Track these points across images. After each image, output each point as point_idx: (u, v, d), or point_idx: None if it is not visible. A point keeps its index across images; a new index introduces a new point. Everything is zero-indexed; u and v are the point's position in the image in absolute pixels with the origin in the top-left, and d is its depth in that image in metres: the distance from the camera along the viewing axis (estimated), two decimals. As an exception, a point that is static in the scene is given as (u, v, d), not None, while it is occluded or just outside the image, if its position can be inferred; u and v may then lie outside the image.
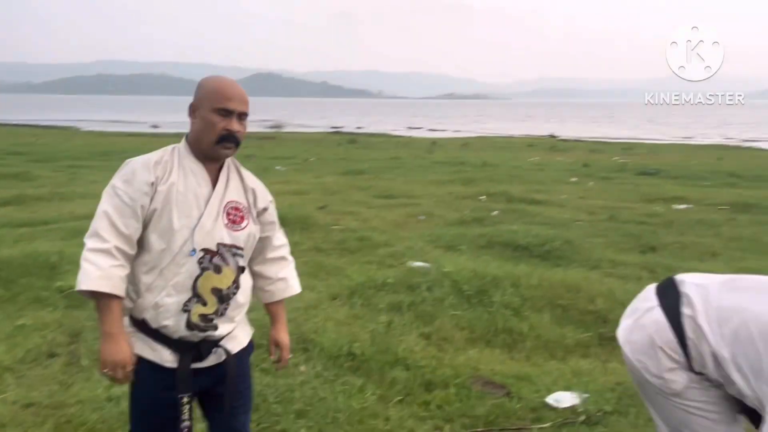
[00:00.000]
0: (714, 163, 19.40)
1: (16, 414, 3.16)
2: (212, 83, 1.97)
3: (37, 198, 10.09)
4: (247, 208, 2.03)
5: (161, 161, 1.92)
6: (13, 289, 5.10)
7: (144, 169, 1.88)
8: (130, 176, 1.88)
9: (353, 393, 3.48)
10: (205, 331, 1.94)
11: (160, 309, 1.88)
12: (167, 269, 1.88)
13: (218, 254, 1.92)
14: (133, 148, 22.61)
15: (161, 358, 1.92)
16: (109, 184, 1.90)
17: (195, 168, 1.95)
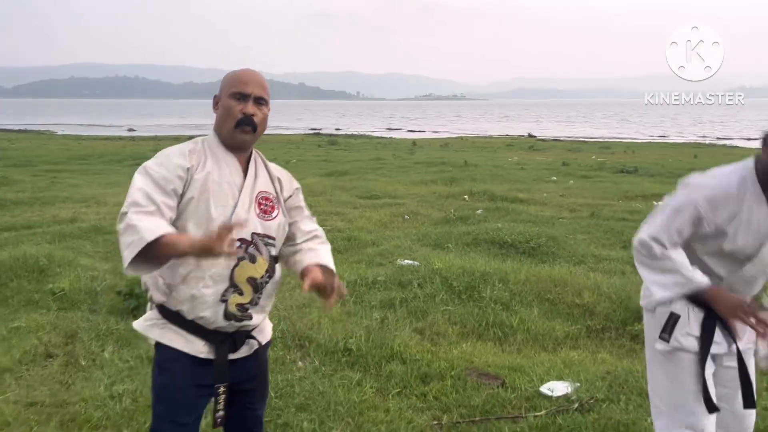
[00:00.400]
0: (690, 161, 19.81)
1: (19, 413, 3.18)
2: (231, 73, 2.01)
3: (18, 202, 9.99)
4: (276, 197, 2.04)
5: (195, 150, 1.92)
6: (3, 292, 5.09)
7: (179, 155, 1.89)
8: (164, 160, 1.87)
9: (352, 387, 3.55)
10: (241, 321, 1.95)
11: (197, 300, 1.87)
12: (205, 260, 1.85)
13: (252, 243, 1.93)
14: (111, 152, 22.45)
15: (196, 349, 1.91)
16: (141, 166, 1.87)
17: (227, 158, 1.95)
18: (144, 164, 1.87)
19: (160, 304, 1.93)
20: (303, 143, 30.78)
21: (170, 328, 1.92)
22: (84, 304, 4.92)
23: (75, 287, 5.15)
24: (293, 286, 5.55)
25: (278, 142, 31.06)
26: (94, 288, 5.21)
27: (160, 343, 1.93)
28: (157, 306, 1.94)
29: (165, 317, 1.92)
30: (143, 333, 1.97)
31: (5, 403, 3.28)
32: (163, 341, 1.92)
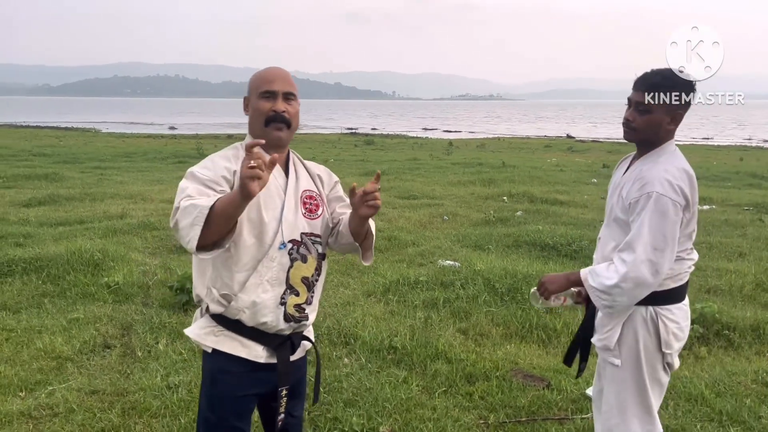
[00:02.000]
0: (735, 164, 19.31)
1: (83, 400, 3.33)
2: (258, 73, 2.00)
3: (69, 198, 10.33)
4: (319, 195, 2.05)
5: (237, 155, 1.91)
6: (61, 285, 5.30)
7: (223, 158, 1.90)
8: (210, 164, 1.88)
9: (398, 384, 3.62)
10: (300, 322, 1.97)
11: (257, 307, 1.88)
12: (261, 264, 1.88)
13: (302, 243, 1.95)
14: (154, 150, 22.97)
15: (255, 354, 1.92)
16: (188, 171, 1.87)
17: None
18: (190, 169, 1.88)
19: (219, 314, 1.91)
20: (340, 143, 30.99)
21: (227, 334, 1.91)
22: (137, 297, 5.10)
23: (128, 281, 5.34)
24: (338, 284, 5.66)
25: (315, 141, 31.38)
26: (146, 282, 5.39)
27: (217, 351, 1.91)
28: (212, 314, 1.92)
29: (221, 324, 1.91)
30: (198, 341, 1.94)
31: (68, 391, 3.44)
32: (221, 348, 1.91)
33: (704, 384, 3.63)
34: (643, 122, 2.19)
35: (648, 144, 2.23)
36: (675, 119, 2.20)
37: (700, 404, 3.45)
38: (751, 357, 4.21)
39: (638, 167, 2.21)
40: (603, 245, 2.32)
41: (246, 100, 1.98)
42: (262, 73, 1.98)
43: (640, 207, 2.10)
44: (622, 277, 2.08)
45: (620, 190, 2.23)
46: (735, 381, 3.72)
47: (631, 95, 2.24)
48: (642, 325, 2.19)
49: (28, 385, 3.55)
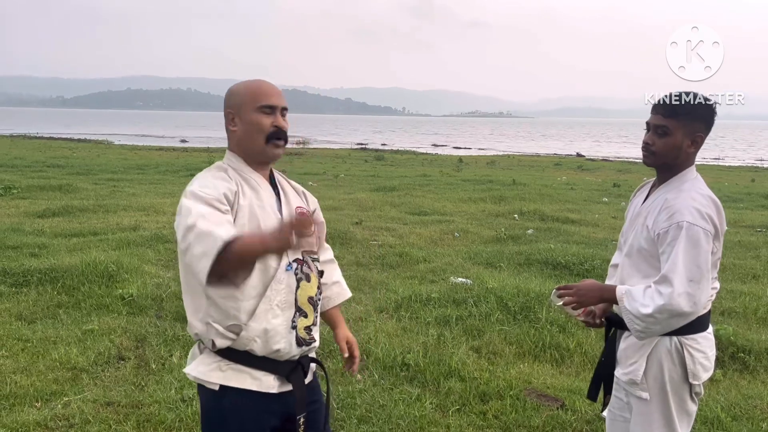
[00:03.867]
0: (747, 185, 19.23)
1: (98, 412, 3.35)
2: (246, 86, 1.89)
3: (83, 209, 10.41)
4: (309, 212, 1.99)
5: (230, 176, 1.82)
6: (76, 296, 5.34)
7: (218, 179, 1.79)
8: (209, 182, 1.77)
9: (411, 401, 3.62)
10: (309, 344, 1.90)
11: (269, 334, 1.79)
12: (270, 289, 1.80)
13: (305, 262, 1.89)
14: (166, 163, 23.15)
15: (267, 386, 1.82)
16: (188, 191, 1.75)
17: (256, 178, 1.86)
18: (189, 189, 1.75)
19: (225, 348, 1.80)
20: (350, 158, 31.10)
21: (235, 368, 1.80)
22: (151, 309, 5.13)
23: (142, 293, 5.38)
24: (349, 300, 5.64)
25: (325, 156, 31.51)
26: (159, 294, 5.42)
27: (225, 387, 1.79)
28: (217, 350, 1.81)
29: (228, 358, 1.80)
30: (201, 379, 1.81)
31: (84, 402, 3.46)
32: (229, 384, 1.79)
33: (720, 407, 3.61)
34: (663, 145, 2.15)
35: (667, 168, 2.19)
36: (695, 142, 2.15)
37: (717, 428, 3.42)
38: (767, 381, 4.17)
39: (661, 195, 2.16)
40: (625, 276, 2.25)
41: (231, 114, 1.85)
42: (253, 85, 1.87)
43: (671, 238, 2.04)
44: (658, 308, 2.01)
45: (644, 220, 2.18)
46: (751, 405, 3.69)
47: (650, 119, 2.21)
48: (667, 357, 2.13)
49: (44, 395, 3.58)
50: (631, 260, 2.23)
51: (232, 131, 1.86)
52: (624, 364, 2.23)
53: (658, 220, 2.10)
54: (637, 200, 2.33)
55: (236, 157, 1.87)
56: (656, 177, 2.26)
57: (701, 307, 2.05)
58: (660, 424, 2.16)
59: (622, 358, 2.25)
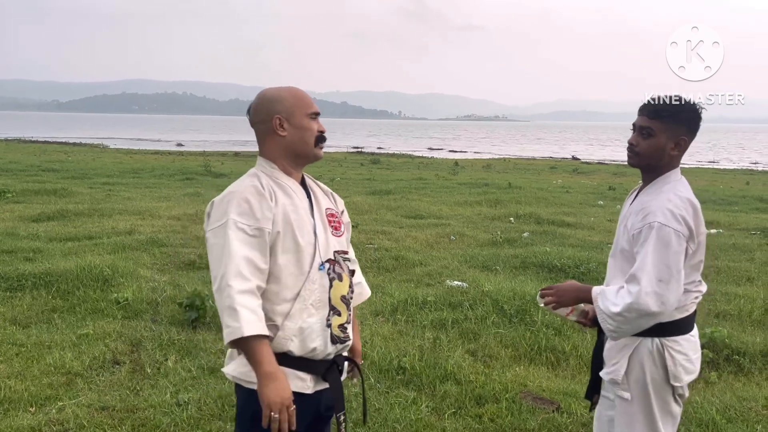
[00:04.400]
0: (742, 188, 19.30)
1: (93, 416, 3.34)
2: (291, 93, 1.98)
3: (78, 213, 10.39)
4: (338, 212, 2.08)
5: (263, 185, 1.89)
6: (71, 300, 5.33)
7: (257, 196, 1.85)
8: (246, 207, 1.83)
9: (407, 405, 3.61)
10: (344, 342, 1.96)
11: (305, 332, 1.86)
12: (304, 289, 1.86)
13: (336, 262, 1.96)
14: (162, 166, 23.12)
15: (303, 386, 1.88)
16: (228, 220, 1.81)
17: (290, 183, 1.95)
18: (229, 218, 1.81)
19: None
20: (346, 161, 31.11)
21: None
22: (146, 313, 5.12)
23: (138, 297, 5.36)
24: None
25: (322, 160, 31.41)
26: (155, 299, 5.41)
27: None
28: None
29: None
30: (242, 378, 1.87)
31: (78, 407, 3.45)
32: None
33: (715, 410, 3.61)
34: (647, 146, 2.19)
35: (651, 170, 2.23)
36: (679, 145, 2.18)
37: (712, 430, 3.43)
38: (762, 383, 4.18)
39: (642, 197, 2.22)
40: (610, 277, 2.31)
41: (280, 119, 1.93)
42: (298, 92, 1.98)
43: (643, 238, 2.08)
44: (626, 307, 2.05)
45: (626, 221, 2.23)
46: (746, 407, 3.69)
47: (636, 120, 2.25)
48: (648, 358, 2.15)
49: (38, 400, 3.56)
50: (615, 261, 2.28)
51: (281, 136, 1.93)
52: (608, 364, 2.27)
53: (634, 222, 2.15)
54: (627, 203, 2.37)
55: (270, 164, 1.96)
56: (641, 179, 2.30)
57: (670, 307, 2.05)
58: (642, 425, 2.18)
59: (606, 359, 2.28)
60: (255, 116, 1.98)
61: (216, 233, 1.83)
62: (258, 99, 2.00)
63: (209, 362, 4.14)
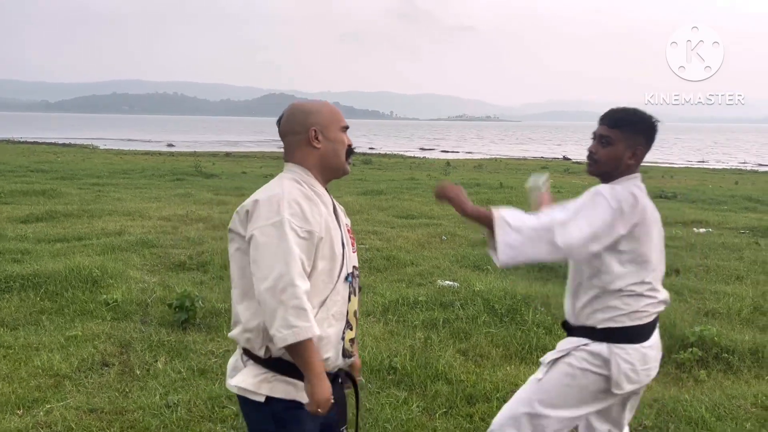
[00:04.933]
0: (731, 187, 19.43)
1: (81, 419, 3.31)
2: (325, 107, 2.00)
3: (67, 214, 10.31)
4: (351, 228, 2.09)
5: (306, 192, 1.89)
6: (59, 302, 5.28)
7: (306, 200, 1.86)
8: (298, 209, 1.82)
9: (398, 405, 3.61)
10: (351, 357, 1.98)
11: (323, 342, 1.83)
12: (329, 299, 1.86)
13: (355, 276, 1.98)
14: (152, 167, 22.99)
15: None
16: (280, 218, 1.78)
17: (325, 194, 1.95)
18: (282, 217, 1.79)
19: (276, 358, 1.84)
20: (337, 162, 31.08)
21: (281, 379, 1.85)
22: (136, 315, 5.08)
23: (127, 298, 5.33)
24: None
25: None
26: (144, 300, 5.37)
27: (271, 399, 1.84)
28: (264, 360, 1.86)
29: (275, 370, 1.85)
30: (251, 390, 1.85)
31: (67, 409, 3.42)
32: (277, 395, 1.85)
33: (704, 407, 3.63)
34: (605, 154, 2.28)
35: (608, 177, 2.31)
36: (636, 155, 2.28)
37: (701, 428, 3.44)
38: (751, 380, 4.21)
39: None
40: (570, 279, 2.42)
41: (315, 131, 1.93)
42: (332, 107, 2.00)
43: (580, 198, 2.22)
44: (540, 225, 2.13)
45: None
46: (735, 404, 3.71)
47: (596, 129, 2.34)
48: (593, 358, 2.25)
49: (26, 402, 3.53)
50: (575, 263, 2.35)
51: (315, 148, 1.93)
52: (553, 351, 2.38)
53: None
54: None
55: (306, 172, 1.94)
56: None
57: (566, 249, 2.11)
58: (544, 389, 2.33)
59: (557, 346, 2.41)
60: (288, 126, 1.97)
61: (266, 232, 1.78)
62: (292, 110, 1.99)
63: (199, 363, 4.12)
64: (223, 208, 11.21)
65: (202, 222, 9.74)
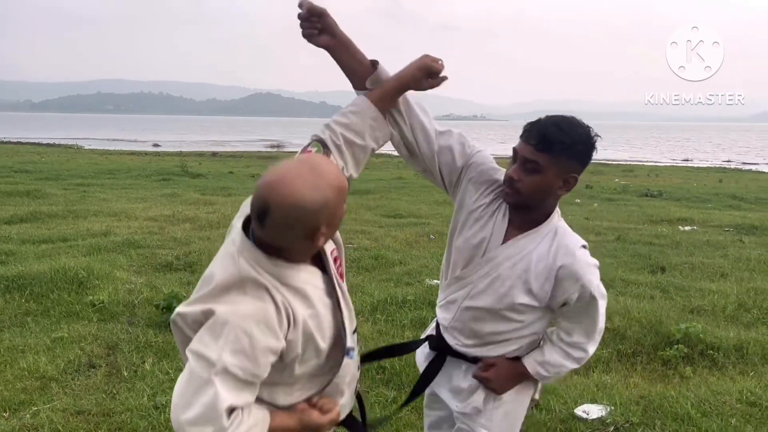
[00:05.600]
0: (715, 186, 19.64)
1: (68, 421, 3.29)
2: (332, 188, 1.43)
3: (52, 215, 10.21)
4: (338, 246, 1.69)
5: (278, 302, 1.43)
6: (44, 303, 5.23)
7: (259, 324, 1.39)
8: (245, 341, 1.37)
9: (387, 404, 3.62)
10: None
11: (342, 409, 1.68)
12: (332, 384, 1.61)
13: (357, 342, 1.75)
14: (138, 167, 22.84)
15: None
16: (215, 359, 1.34)
17: (300, 276, 1.50)
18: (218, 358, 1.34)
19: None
20: (325, 161, 31.02)
21: None
22: (123, 316, 5.04)
23: (114, 299, 5.29)
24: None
25: (300, 160, 31.34)
26: (131, 301, 5.34)
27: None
28: None
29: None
30: None
31: (53, 411, 3.39)
32: None
33: (690, 404, 3.67)
34: (531, 184, 1.79)
35: (528, 210, 1.88)
36: (567, 183, 1.82)
37: (687, 424, 3.48)
38: (735, 377, 4.26)
39: (536, 250, 1.88)
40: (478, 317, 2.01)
41: (322, 232, 1.45)
42: (340, 182, 1.44)
43: (581, 307, 1.90)
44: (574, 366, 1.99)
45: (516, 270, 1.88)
46: (720, 401, 3.76)
47: (519, 147, 1.82)
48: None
49: (12, 405, 3.49)
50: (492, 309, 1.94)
51: (315, 244, 1.46)
52: (464, 392, 2.04)
53: (562, 287, 1.87)
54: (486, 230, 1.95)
55: (273, 261, 1.47)
56: (509, 213, 1.92)
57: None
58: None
59: (465, 392, 2.04)
60: (285, 233, 1.40)
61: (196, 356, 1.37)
62: (290, 211, 1.36)
63: (187, 364, 4.09)
64: (210, 209, 11.16)
65: (189, 222, 9.69)
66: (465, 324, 2.00)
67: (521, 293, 1.87)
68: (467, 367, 2.04)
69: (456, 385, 2.07)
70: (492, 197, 1.95)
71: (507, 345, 1.98)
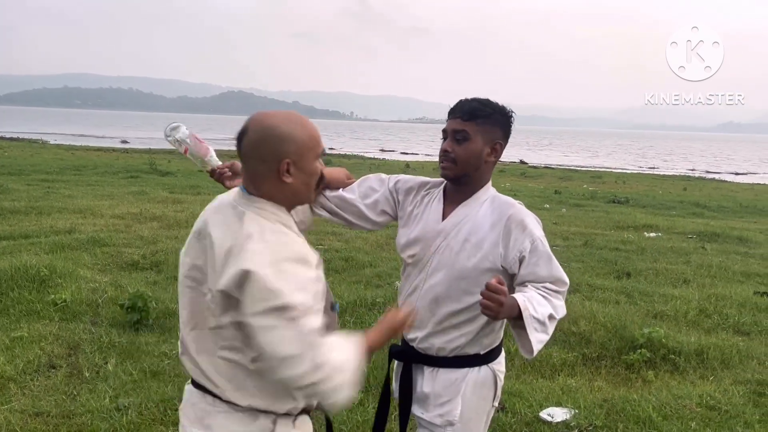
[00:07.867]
0: (680, 193, 20.09)
1: (26, 423, 3.20)
2: (304, 129, 1.60)
3: (14, 211, 9.95)
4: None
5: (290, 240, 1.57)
6: (4, 302, 5.10)
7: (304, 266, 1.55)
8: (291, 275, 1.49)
9: (354, 406, 3.60)
10: None
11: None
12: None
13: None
14: (105, 164, 22.40)
15: None
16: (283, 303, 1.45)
17: (294, 227, 1.64)
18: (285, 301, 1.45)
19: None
20: (297, 162, 30.86)
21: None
22: (85, 315, 4.94)
23: (76, 298, 5.17)
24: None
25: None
26: (95, 300, 5.23)
27: None
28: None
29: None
30: None
31: (11, 413, 3.30)
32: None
33: (652, 407, 3.74)
34: (463, 151, 1.97)
35: (467, 181, 2.01)
36: (495, 150, 2.01)
37: (649, 427, 3.55)
38: (696, 381, 4.35)
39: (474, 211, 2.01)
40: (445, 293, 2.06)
41: (288, 163, 1.55)
42: (312, 130, 1.60)
43: (538, 257, 2.00)
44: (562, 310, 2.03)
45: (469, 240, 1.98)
46: (681, 404, 3.84)
47: (447, 125, 2.02)
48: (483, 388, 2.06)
49: (-33, 406, 3.39)
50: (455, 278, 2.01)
51: (284, 183, 1.56)
52: (433, 403, 2.06)
53: (515, 240, 1.98)
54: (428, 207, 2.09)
55: (279, 209, 1.60)
56: (447, 190, 2.08)
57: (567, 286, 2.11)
58: None
59: (432, 397, 2.06)
60: (255, 151, 1.56)
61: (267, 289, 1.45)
62: (262, 131, 1.56)
63: (151, 365, 4.03)
64: (179, 207, 11.00)
65: (157, 221, 9.54)
66: (425, 311, 2.05)
67: (472, 256, 1.98)
68: (430, 372, 2.08)
69: (420, 391, 2.09)
70: (423, 194, 2.13)
71: (463, 327, 2.02)
